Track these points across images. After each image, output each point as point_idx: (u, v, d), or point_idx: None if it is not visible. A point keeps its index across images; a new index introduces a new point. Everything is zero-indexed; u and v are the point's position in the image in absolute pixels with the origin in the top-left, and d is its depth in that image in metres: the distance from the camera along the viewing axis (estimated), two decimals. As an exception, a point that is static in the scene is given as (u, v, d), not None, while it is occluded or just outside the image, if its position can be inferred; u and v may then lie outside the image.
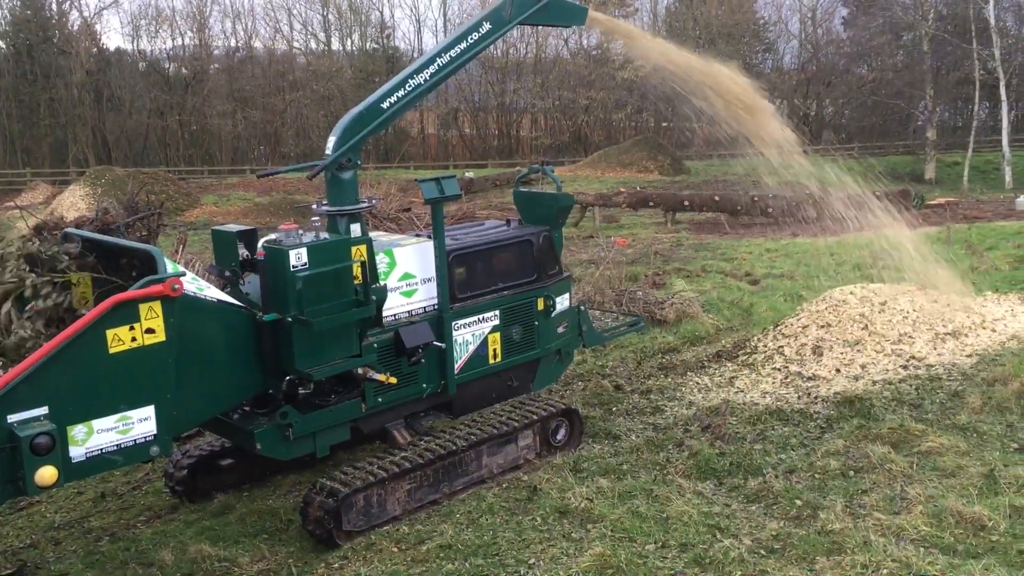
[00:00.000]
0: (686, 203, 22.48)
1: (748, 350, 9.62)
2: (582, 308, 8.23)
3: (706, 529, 5.81)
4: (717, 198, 22.49)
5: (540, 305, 7.42)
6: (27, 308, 5.19)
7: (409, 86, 6.45)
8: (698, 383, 8.97)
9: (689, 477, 6.72)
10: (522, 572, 5.43)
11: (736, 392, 8.56)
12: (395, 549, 5.84)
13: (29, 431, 4.45)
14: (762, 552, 5.49)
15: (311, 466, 7.21)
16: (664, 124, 47.85)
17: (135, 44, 49.56)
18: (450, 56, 6.66)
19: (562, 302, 7.69)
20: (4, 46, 43.77)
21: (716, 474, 6.79)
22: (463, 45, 6.71)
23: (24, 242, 5.48)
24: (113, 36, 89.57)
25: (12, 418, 4.47)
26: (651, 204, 23.25)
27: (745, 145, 8.68)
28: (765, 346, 9.56)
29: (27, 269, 5.31)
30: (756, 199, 21.33)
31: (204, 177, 39.65)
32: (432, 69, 6.55)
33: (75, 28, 46.13)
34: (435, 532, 6.02)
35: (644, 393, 8.81)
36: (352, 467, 6.23)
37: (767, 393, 8.45)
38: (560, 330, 7.71)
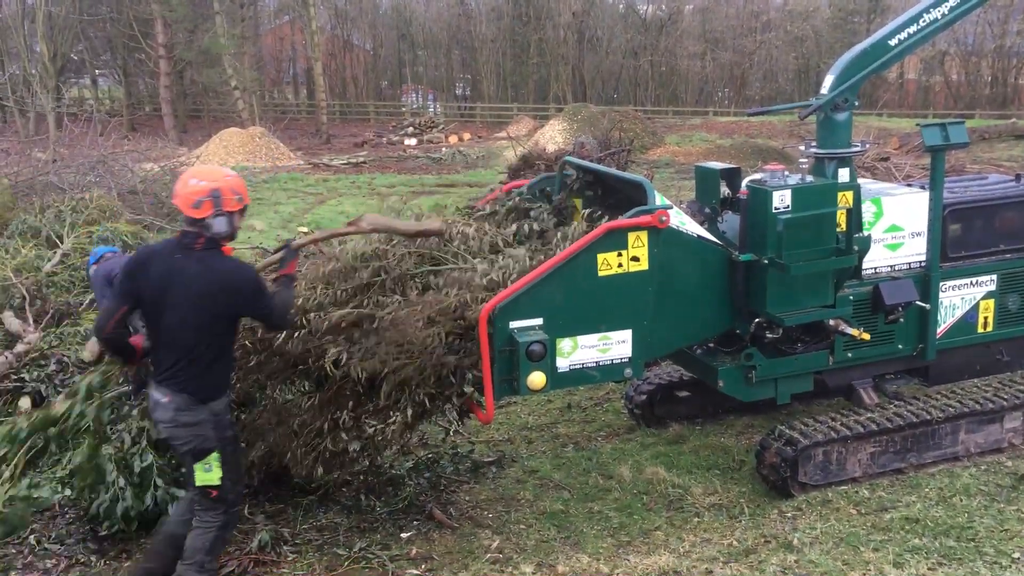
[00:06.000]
0: None
1: None
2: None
3: None
4: None
5: (1047, 274, 6.53)
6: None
7: (923, 21, 5.87)
8: None
9: None
10: (1003, 564, 4.88)
11: None
12: (853, 511, 5.58)
13: (527, 338, 4.90)
14: None
15: (765, 411, 7.14)
16: None
17: (616, -15, 51.87)
18: None
19: (1076, 274, 6.67)
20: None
21: None
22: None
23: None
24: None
25: (513, 324, 4.95)
26: None
27: None
28: None
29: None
30: None
31: (668, 117, 40.55)
32: (953, 2, 5.90)
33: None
34: (899, 502, 5.64)
35: None
36: (813, 419, 6.04)
37: None
38: (1070, 305, 6.72)
